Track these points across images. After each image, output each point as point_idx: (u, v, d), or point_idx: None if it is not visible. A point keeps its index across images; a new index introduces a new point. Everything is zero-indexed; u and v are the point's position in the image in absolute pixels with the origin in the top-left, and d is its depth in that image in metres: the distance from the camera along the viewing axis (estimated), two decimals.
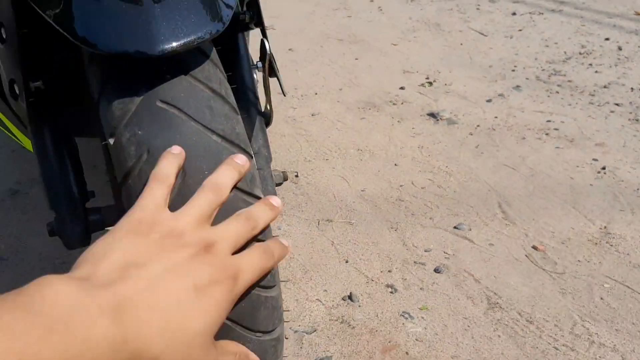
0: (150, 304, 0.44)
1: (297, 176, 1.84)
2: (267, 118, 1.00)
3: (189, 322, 0.45)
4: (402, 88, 2.43)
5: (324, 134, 2.09)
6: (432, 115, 2.19)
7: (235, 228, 0.53)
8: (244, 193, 0.61)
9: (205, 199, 0.54)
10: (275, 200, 0.59)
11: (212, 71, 0.68)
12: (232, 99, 0.69)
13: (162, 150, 0.59)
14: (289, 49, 2.92)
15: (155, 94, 0.63)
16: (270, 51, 0.98)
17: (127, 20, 0.61)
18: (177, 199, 0.57)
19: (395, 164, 1.89)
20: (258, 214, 0.56)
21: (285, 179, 1.00)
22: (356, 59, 2.77)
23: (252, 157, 0.65)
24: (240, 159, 0.58)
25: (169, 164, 0.55)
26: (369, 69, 2.65)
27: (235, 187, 0.59)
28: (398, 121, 2.17)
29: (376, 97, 2.36)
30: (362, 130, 2.11)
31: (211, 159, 0.61)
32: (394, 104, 2.30)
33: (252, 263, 0.52)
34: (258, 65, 1.05)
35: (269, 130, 1.10)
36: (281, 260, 0.53)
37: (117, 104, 0.62)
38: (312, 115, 2.24)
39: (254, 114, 0.98)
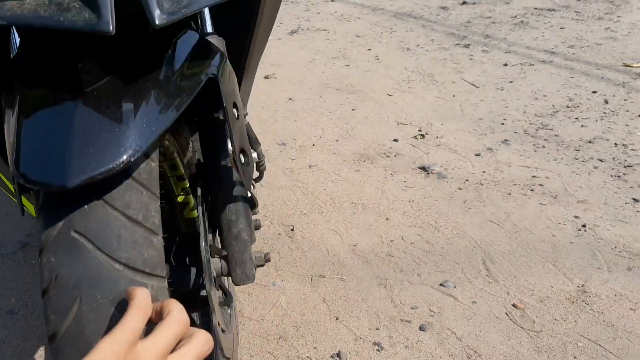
0: None
1: (292, 230, 1.94)
2: (251, 204, 1.07)
3: None
4: (395, 140, 2.54)
5: (320, 186, 2.20)
6: (424, 168, 2.29)
7: (158, 344, 0.57)
8: None
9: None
10: (180, 317, 0.62)
11: (134, 195, 0.77)
12: (152, 221, 0.77)
13: (68, 278, 0.69)
14: (289, 99, 3.04)
15: (71, 223, 0.71)
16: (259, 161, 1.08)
17: (48, 155, 0.72)
18: (72, 325, 0.68)
19: (387, 218, 1.99)
20: (175, 330, 0.60)
21: (267, 260, 1.07)
22: (353, 109, 2.89)
23: (164, 278, 0.76)
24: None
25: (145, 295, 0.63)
26: (364, 120, 2.76)
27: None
28: (391, 174, 2.27)
29: (371, 149, 2.47)
30: (356, 183, 2.22)
31: (107, 288, 0.70)
32: (387, 156, 2.41)
33: None
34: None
35: (267, 182, 1.19)
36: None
37: (45, 231, 0.72)
38: (309, 166, 2.35)
39: (235, 199, 1.04)
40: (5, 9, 0.76)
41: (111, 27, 0.73)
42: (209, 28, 1.02)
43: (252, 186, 1.06)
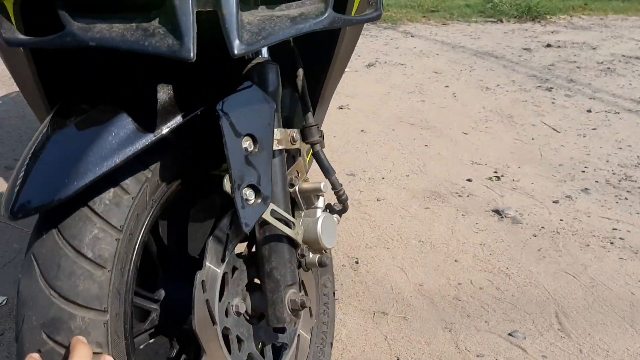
0: None
1: (357, 263, 1.90)
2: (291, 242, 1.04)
3: None
4: (469, 180, 2.47)
5: (387, 221, 2.15)
6: (497, 212, 2.21)
7: None
8: None
9: None
10: None
11: (85, 226, 0.83)
12: (99, 254, 0.82)
13: (21, 295, 0.80)
14: (362, 130, 3.03)
15: (31, 246, 0.83)
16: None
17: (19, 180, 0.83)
18: (17, 339, 0.80)
19: (456, 260, 1.92)
20: None
21: (303, 306, 1.02)
22: (426, 145, 2.84)
23: (101, 311, 0.81)
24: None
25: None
26: (438, 156, 2.71)
27: None
28: (462, 214, 2.21)
29: (442, 187, 2.41)
30: (426, 221, 2.16)
31: (40, 313, 0.79)
32: (459, 195, 2.35)
33: None
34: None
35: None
36: None
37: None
38: (378, 200, 2.31)
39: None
40: (95, 32, 0.79)
41: (192, 55, 0.75)
42: (265, 53, 1.02)
43: (291, 225, 1.03)
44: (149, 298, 1.07)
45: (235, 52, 0.77)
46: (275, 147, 0.98)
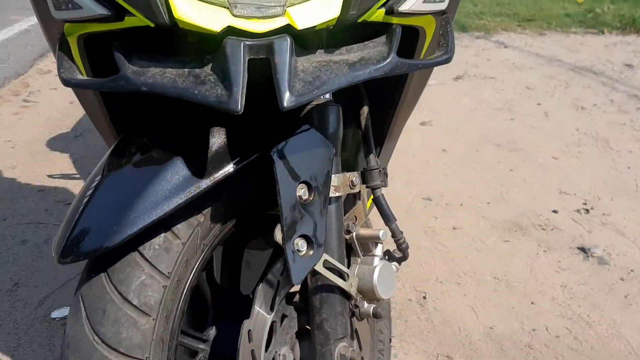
0: None
1: (424, 298, 1.81)
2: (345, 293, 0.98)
3: None
4: (554, 211, 2.31)
5: (462, 253, 2.05)
6: (583, 249, 2.05)
7: None
8: None
9: None
10: None
11: (133, 271, 0.82)
12: (144, 301, 0.81)
13: (69, 336, 0.82)
14: (443, 150, 2.92)
15: (79, 288, 0.84)
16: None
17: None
18: None
19: (532, 302, 1.80)
20: None
21: None
22: (511, 169, 2.69)
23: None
24: None
25: None
26: (522, 183, 2.56)
27: None
28: (544, 250, 2.06)
29: (525, 218, 2.27)
30: (504, 255, 2.04)
31: (83, 357, 0.80)
32: (543, 229, 2.20)
33: None
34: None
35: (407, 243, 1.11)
36: None
37: None
38: (454, 228, 2.21)
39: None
40: (148, 76, 0.77)
41: (239, 107, 0.72)
42: (327, 95, 0.96)
43: (345, 276, 0.97)
44: (197, 338, 1.05)
45: (285, 105, 0.73)
46: (332, 194, 0.93)
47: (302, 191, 0.86)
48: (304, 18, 0.76)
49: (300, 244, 0.87)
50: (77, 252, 0.79)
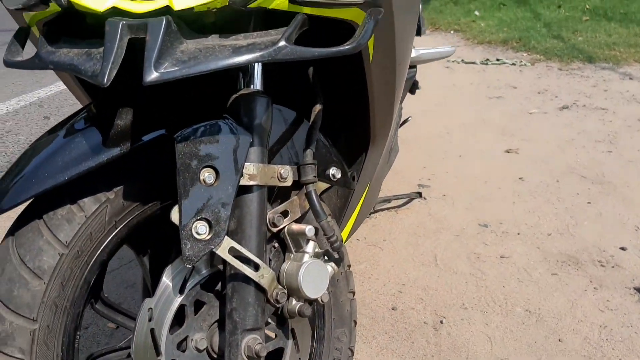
0: None
1: (441, 322, 1.72)
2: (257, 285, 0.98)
3: None
4: (622, 248, 2.10)
5: (500, 282, 1.92)
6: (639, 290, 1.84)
7: None
8: None
9: None
10: None
11: (33, 236, 0.88)
12: (38, 265, 0.86)
13: None
14: (520, 178, 2.76)
15: None
16: None
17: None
18: None
19: (560, 340, 1.64)
20: None
21: (258, 356, 0.96)
22: (589, 202, 2.48)
23: (30, 319, 0.85)
24: None
25: None
26: (597, 217, 2.35)
27: None
28: (594, 288, 1.88)
29: (585, 253, 2.08)
30: (546, 288, 1.88)
31: None
32: (602, 265, 2.00)
33: None
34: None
35: (443, 263, 1.08)
36: None
37: None
38: (501, 257, 2.08)
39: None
40: (55, 56, 0.87)
41: (105, 80, 0.77)
42: (258, 85, 0.97)
43: (256, 267, 0.96)
44: (126, 314, 1.10)
45: (146, 80, 0.77)
46: (246, 182, 0.94)
47: (206, 175, 0.89)
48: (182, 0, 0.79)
49: (200, 227, 0.89)
50: None
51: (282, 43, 0.82)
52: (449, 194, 2.60)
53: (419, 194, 2.51)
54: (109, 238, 0.94)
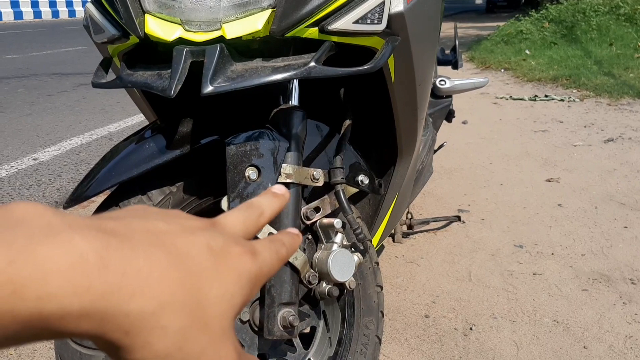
0: (150, 242, 0.31)
1: (471, 329, 1.84)
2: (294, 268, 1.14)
3: (203, 281, 0.32)
4: None
5: (531, 296, 2.03)
6: None
7: (242, 214, 0.41)
8: None
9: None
10: (278, 189, 0.46)
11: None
12: None
13: None
14: (558, 204, 2.85)
15: None
16: None
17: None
18: None
19: (585, 347, 1.73)
20: (262, 202, 0.45)
21: (292, 326, 1.11)
22: (625, 227, 2.55)
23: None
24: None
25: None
26: (632, 240, 2.42)
27: None
28: (624, 302, 1.96)
29: (617, 272, 2.16)
30: (575, 302, 1.98)
31: None
32: (633, 283, 2.08)
33: (265, 246, 0.39)
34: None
35: (476, 277, 1.24)
36: (294, 250, 0.43)
37: None
38: (533, 274, 2.18)
39: None
40: (133, 77, 1.08)
41: (172, 93, 0.97)
42: (295, 101, 1.17)
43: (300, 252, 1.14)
44: None
45: (203, 92, 0.97)
46: (283, 180, 1.13)
47: (250, 172, 1.08)
48: (232, 30, 1.01)
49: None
50: (68, 201, 1.09)
51: (312, 64, 1.01)
52: (487, 218, 2.72)
53: (458, 218, 2.64)
54: None
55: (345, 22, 1.04)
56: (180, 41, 1.02)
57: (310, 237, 1.24)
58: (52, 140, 4.00)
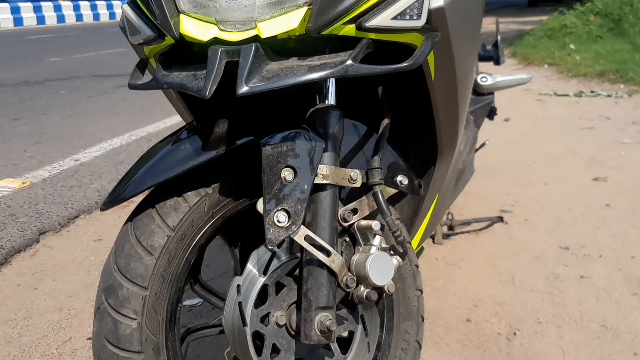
0: None
1: (515, 334, 1.78)
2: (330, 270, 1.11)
3: None
4: None
5: (578, 300, 1.95)
6: None
7: None
8: None
9: None
10: None
11: (148, 220, 1.09)
12: (150, 243, 1.06)
13: None
14: (606, 204, 2.75)
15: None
16: None
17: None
18: None
19: (635, 354, 1.66)
20: None
21: (330, 330, 1.09)
22: None
23: (143, 287, 1.04)
24: None
25: None
26: None
27: None
28: None
29: None
30: (625, 307, 1.90)
31: (104, 278, 1.09)
32: None
33: None
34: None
35: (519, 281, 1.21)
36: None
37: None
38: (581, 277, 2.10)
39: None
40: (169, 78, 1.07)
41: (207, 93, 0.96)
42: (332, 101, 1.14)
43: (328, 253, 1.11)
44: (216, 295, 1.27)
45: (238, 92, 0.95)
46: (320, 181, 1.10)
47: (286, 173, 1.06)
48: (267, 29, 0.98)
49: (281, 216, 1.05)
50: (105, 203, 1.09)
51: (349, 62, 0.98)
52: (531, 219, 2.64)
53: (500, 219, 2.57)
54: (207, 226, 1.13)
55: (383, 19, 1.01)
56: (216, 41, 1.00)
57: (347, 239, 1.21)
58: (92, 141, 4.07)
